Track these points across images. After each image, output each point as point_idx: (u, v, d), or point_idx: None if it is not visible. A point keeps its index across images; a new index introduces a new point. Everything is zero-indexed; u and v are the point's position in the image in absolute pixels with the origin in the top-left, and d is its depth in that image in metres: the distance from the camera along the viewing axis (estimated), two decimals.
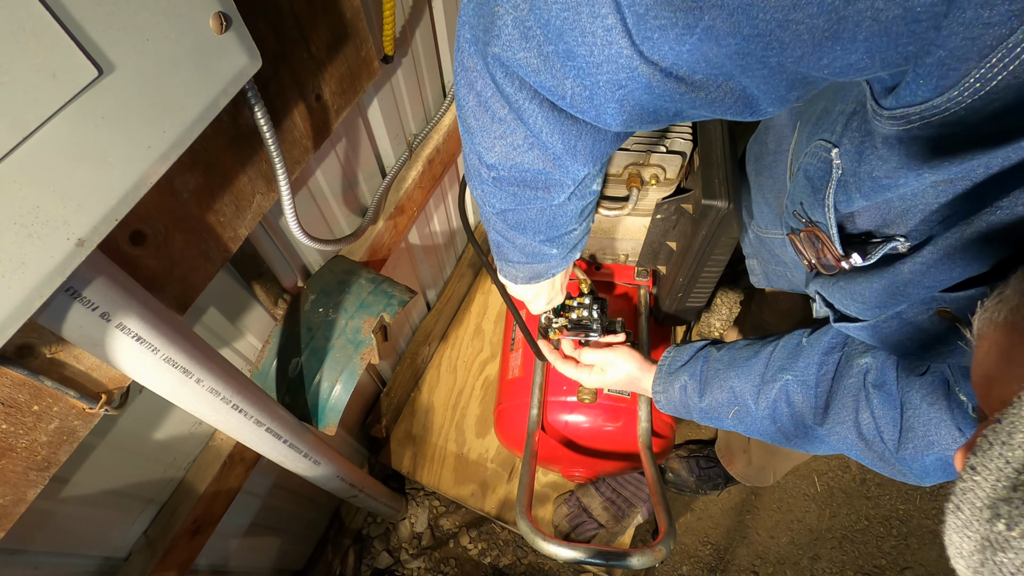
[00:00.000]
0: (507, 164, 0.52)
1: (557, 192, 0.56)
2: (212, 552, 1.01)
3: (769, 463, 1.42)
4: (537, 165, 0.52)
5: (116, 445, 0.69)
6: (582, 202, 0.61)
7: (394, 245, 1.07)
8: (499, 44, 0.42)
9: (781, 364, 0.69)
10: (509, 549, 1.56)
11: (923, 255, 0.42)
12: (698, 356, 0.79)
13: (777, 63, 0.34)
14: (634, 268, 1.18)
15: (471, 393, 1.55)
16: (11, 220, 0.33)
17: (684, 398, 0.79)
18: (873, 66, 0.33)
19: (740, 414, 0.73)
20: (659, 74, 0.38)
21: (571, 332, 0.97)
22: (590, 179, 0.58)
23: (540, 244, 0.65)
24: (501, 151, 0.51)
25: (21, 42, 0.30)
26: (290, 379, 0.85)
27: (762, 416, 0.71)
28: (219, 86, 0.42)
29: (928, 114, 0.33)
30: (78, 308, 0.43)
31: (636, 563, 0.77)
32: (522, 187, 0.55)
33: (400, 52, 0.91)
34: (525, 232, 0.62)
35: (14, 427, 0.46)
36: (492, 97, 0.47)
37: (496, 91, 0.46)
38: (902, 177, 0.39)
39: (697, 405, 0.77)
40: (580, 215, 0.63)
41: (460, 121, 0.53)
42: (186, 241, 0.58)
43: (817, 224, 0.52)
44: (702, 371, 0.77)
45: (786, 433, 0.70)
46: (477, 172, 0.57)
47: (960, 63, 0.30)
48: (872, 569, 1.57)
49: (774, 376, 0.69)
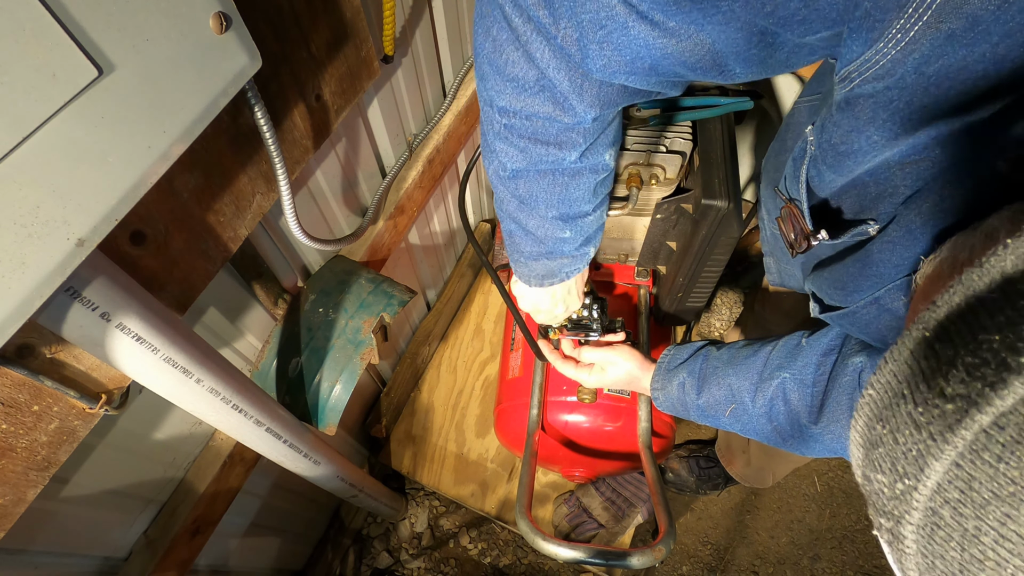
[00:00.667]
0: (518, 107, 0.53)
1: (569, 149, 0.57)
2: (212, 552, 1.01)
3: (768, 464, 1.42)
4: (546, 109, 0.52)
5: (116, 445, 0.69)
6: (595, 176, 0.61)
7: (394, 245, 1.07)
8: None
9: (779, 363, 0.69)
10: (509, 549, 1.56)
11: (887, 234, 0.44)
12: (697, 354, 0.80)
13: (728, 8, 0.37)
14: (634, 268, 1.18)
15: (471, 393, 1.55)
16: (11, 220, 0.33)
17: (682, 395, 0.79)
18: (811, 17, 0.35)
19: (737, 412, 0.73)
20: (635, 14, 0.40)
21: (571, 332, 0.97)
22: (603, 142, 0.59)
23: (553, 223, 0.64)
24: (512, 93, 0.52)
25: (21, 42, 0.30)
26: (290, 379, 0.85)
27: (759, 414, 0.71)
28: (219, 86, 0.42)
29: (864, 69, 0.35)
30: (78, 308, 0.43)
31: (636, 563, 0.77)
32: (533, 141, 0.56)
33: (400, 52, 0.91)
34: (537, 206, 0.62)
35: (14, 427, 0.46)
36: (506, 40, 0.49)
37: (510, 32, 0.48)
38: (854, 141, 0.41)
39: (695, 402, 0.78)
40: (594, 193, 0.64)
41: (476, 69, 0.55)
42: (186, 241, 0.58)
43: (794, 201, 0.55)
44: (701, 369, 0.78)
45: (782, 433, 0.70)
46: (490, 123, 0.57)
47: (884, 13, 0.32)
48: (872, 569, 1.57)
49: (772, 374, 0.69)
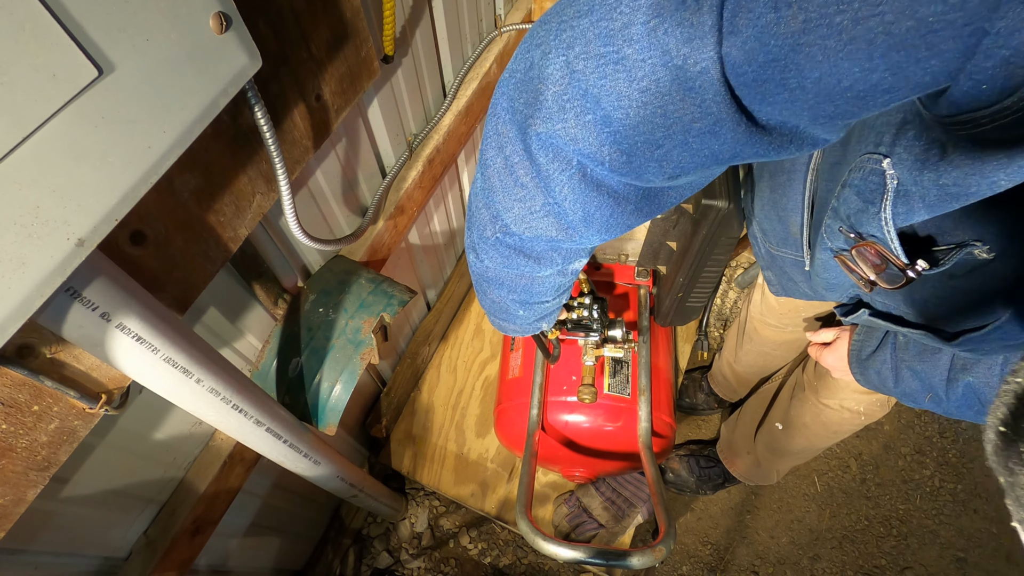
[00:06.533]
0: (522, 228, 0.54)
1: (546, 265, 0.59)
2: (212, 552, 1.01)
3: (773, 463, 1.42)
4: (550, 232, 0.53)
5: (116, 445, 0.69)
6: (563, 279, 0.63)
7: (394, 245, 1.07)
8: (539, 118, 0.44)
9: (963, 364, 0.67)
10: (509, 549, 1.56)
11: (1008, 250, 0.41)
12: (885, 342, 0.79)
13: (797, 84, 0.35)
14: (634, 268, 1.18)
15: (471, 393, 1.55)
16: (11, 220, 0.33)
17: (879, 383, 0.80)
18: (898, 86, 0.33)
19: (935, 400, 0.73)
20: None
21: (571, 332, 0.97)
22: (584, 255, 0.60)
23: (512, 303, 0.67)
24: (518, 213, 0.53)
25: (21, 42, 0.30)
26: (290, 379, 0.85)
27: (955, 408, 0.70)
28: (219, 86, 0.42)
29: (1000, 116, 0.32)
30: (78, 308, 0.43)
31: (636, 563, 0.77)
32: (518, 252, 0.58)
33: (400, 52, 0.91)
34: (501, 288, 0.64)
35: (14, 427, 0.46)
36: (519, 163, 0.49)
37: (526, 158, 0.48)
38: (973, 185, 0.38)
39: (892, 390, 0.78)
40: (557, 290, 0.65)
41: (483, 178, 0.55)
42: (186, 241, 0.58)
43: (873, 238, 0.51)
44: (892, 359, 0.77)
45: None
46: (483, 227, 0.58)
47: None
48: (872, 569, 1.57)
49: (956, 376, 0.68)
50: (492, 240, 0.58)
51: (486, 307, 0.74)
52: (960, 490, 1.64)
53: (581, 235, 0.53)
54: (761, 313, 1.20)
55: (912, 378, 0.74)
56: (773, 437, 1.34)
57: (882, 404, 1.05)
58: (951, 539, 1.57)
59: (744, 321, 1.33)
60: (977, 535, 1.58)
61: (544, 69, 0.42)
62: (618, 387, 1.09)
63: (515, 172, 0.50)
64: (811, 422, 1.18)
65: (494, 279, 0.63)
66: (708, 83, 0.36)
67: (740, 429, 1.50)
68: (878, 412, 1.06)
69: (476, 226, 0.60)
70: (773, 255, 0.81)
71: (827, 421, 1.13)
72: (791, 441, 1.27)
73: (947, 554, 1.56)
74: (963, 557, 1.55)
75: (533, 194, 0.51)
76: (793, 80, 0.34)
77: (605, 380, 1.10)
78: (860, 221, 0.51)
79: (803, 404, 1.18)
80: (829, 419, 1.12)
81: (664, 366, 1.23)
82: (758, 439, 1.41)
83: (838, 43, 0.31)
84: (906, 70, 0.31)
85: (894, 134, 0.45)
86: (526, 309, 0.68)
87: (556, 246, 0.56)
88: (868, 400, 1.05)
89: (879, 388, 0.82)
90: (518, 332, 0.75)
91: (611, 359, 1.12)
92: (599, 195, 0.49)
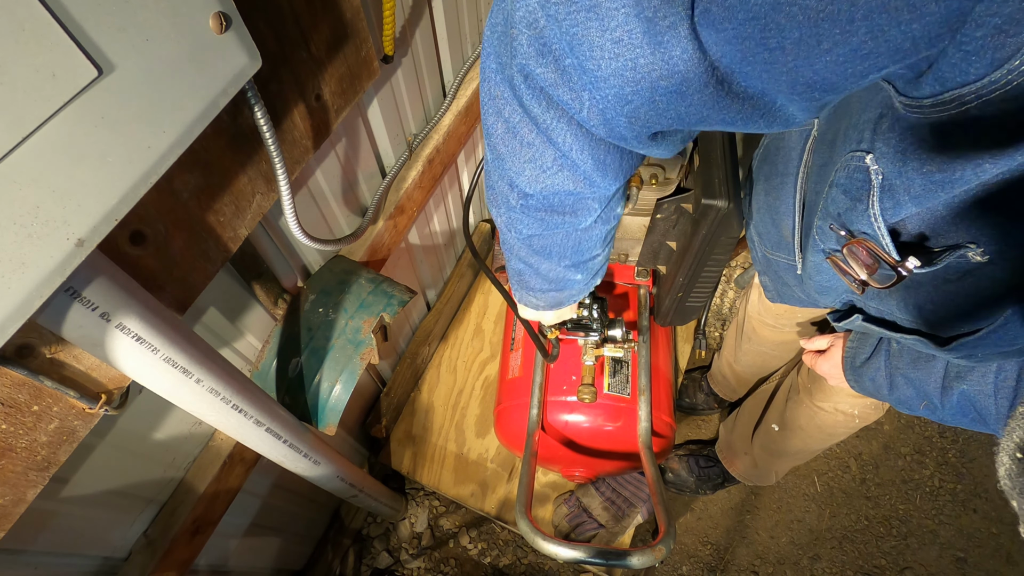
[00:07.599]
0: (538, 188, 0.53)
1: (584, 215, 0.57)
2: (212, 552, 1.01)
3: (771, 464, 1.42)
4: (567, 186, 0.52)
5: (116, 445, 0.69)
6: (607, 226, 0.62)
7: (394, 245, 1.07)
8: (523, 65, 0.43)
9: (957, 372, 0.67)
10: (509, 549, 1.56)
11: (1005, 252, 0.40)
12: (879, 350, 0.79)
13: (777, 44, 0.34)
14: (634, 268, 1.18)
15: (471, 393, 1.55)
16: (11, 220, 0.33)
17: (874, 390, 0.80)
18: (878, 51, 0.32)
19: (930, 408, 0.73)
20: None
21: (571, 332, 0.97)
22: (616, 200, 0.59)
23: (565, 269, 0.66)
24: (531, 174, 0.52)
25: (21, 42, 0.30)
26: (290, 379, 0.85)
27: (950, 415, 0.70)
28: (219, 86, 0.42)
29: (987, 91, 0.32)
30: (78, 308, 0.43)
31: (636, 563, 0.77)
32: (550, 212, 0.56)
33: (400, 52, 0.91)
34: (551, 257, 0.63)
35: (14, 427, 0.46)
36: (520, 122, 0.48)
37: (524, 115, 0.47)
38: (957, 170, 0.37)
39: (887, 397, 0.78)
40: (604, 240, 0.64)
41: (489, 149, 0.54)
42: (186, 241, 0.58)
43: (864, 235, 0.50)
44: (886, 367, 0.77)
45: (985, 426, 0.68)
46: (505, 199, 0.57)
47: (1020, 27, 0.28)
48: (872, 569, 1.57)
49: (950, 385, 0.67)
50: (519, 208, 0.57)
51: (536, 298, 0.73)
52: (960, 490, 1.64)
53: (600, 183, 0.52)
54: (759, 313, 1.20)
55: (906, 385, 0.73)
56: (770, 438, 1.34)
57: (876, 407, 1.05)
58: (951, 539, 1.57)
59: (742, 321, 1.33)
60: (977, 535, 1.58)
61: (516, 13, 0.41)
62: (618, 387, 1.09)
63: (519, 132, 0.49)
64: (806, 424, 1.18)
65: (542, 249, 0.62)
66: (677, 39, 0.36)
67: (738, 430, 1.50)
68: (873, 415, 1.07)
69: (500, 202, 0.59)
70: (768, 259, 0.81)
71: (822, 424, 1.14)
72: (787, 443, 1.28)
73: (947, 554, 1.56)
74: (963, 557, 1.55)
75: (541, 151, 0.49)
76: (774, 39, 0.33)
77: (605, 380, 1.10)
78: (850, 219, 0.50)
79: (798, 406, 1.18)
80: (824, 421, 1.13)
81: (664, 366, 1.23)
82: (755, 440, 1.41)
83: (819, 2, 0.31)
84: (887, 33, 0.31)
85: (872, 130, 0.45)
86: (581, 271, 0.67)
87: (581, 197, 0.55)
88: (862, 403, 1.05)
89: (874, 395, 0.82)
90: (575, 298, 0.74)
91: (611, 359, 1.12)
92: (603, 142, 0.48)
